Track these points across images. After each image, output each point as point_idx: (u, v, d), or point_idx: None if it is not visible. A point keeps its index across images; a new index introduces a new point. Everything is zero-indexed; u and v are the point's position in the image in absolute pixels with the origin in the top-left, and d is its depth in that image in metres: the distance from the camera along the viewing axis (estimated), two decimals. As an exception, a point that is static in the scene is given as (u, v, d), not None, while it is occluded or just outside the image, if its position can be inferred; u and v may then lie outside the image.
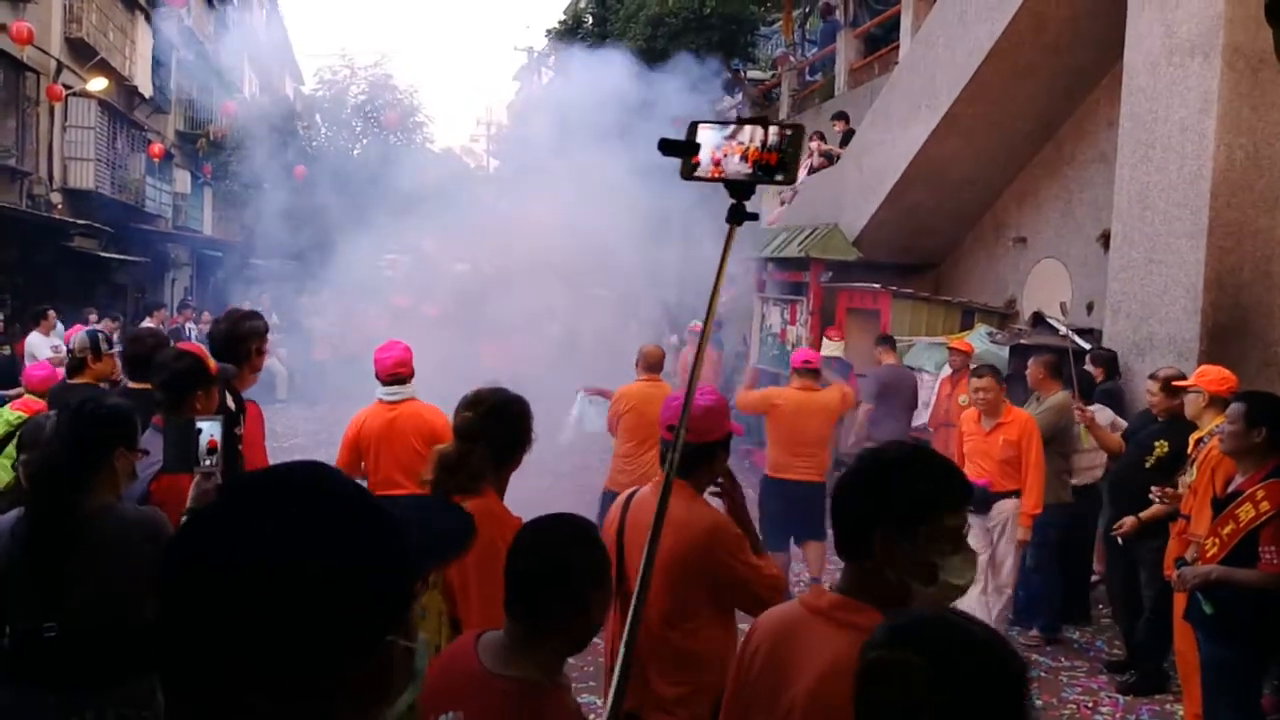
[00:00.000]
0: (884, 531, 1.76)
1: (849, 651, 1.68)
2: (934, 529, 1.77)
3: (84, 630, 2.47)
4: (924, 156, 9.47)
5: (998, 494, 5.75)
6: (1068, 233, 9.09)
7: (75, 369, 4.96)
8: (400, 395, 4.76)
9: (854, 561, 1.82)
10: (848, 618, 1.76)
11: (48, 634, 2.44)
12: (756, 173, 1.69)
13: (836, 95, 13.95)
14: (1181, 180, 6.52)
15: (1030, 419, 5.84)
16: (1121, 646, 6.00)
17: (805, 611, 1.84)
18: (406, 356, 4.85)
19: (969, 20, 8.78)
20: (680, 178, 1.71)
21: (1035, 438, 5.75)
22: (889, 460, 1.84)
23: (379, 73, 27.94)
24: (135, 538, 2.53)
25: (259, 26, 31.82)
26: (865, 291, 10.17)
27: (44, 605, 2.45)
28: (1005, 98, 8.79)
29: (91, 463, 2.53)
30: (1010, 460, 5.74)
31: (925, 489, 1.79)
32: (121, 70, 18.24)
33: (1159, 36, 6.75)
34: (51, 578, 2.45)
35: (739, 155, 1.69)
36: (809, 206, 11.95)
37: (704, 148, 1.69)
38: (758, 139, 1.68)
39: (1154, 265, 6.76)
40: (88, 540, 2.48)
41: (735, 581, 2.73)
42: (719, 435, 2.82)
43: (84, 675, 2.47)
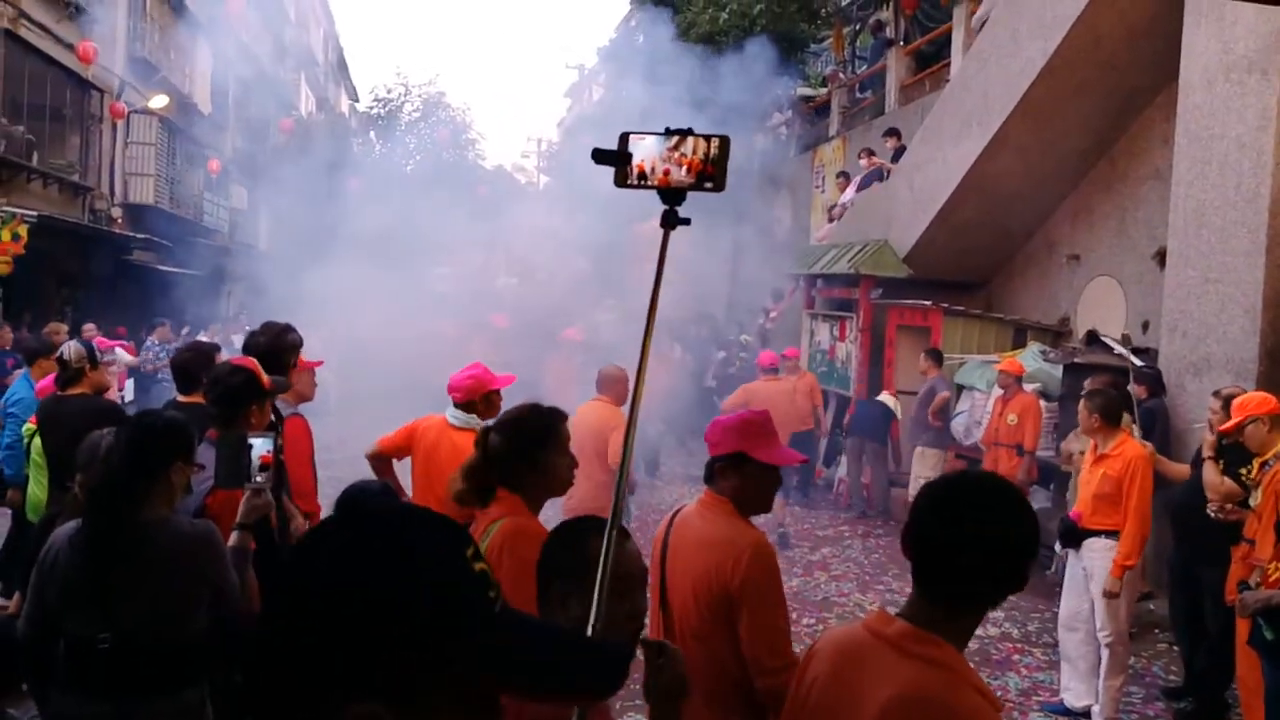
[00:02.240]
0: (979, 571, 1.74)
1: (915, 682, 1.68)
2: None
3: (137, 641, 2.51)
4: (976, 173, 9.38)
5: (1087, 531, 5.25)
6: (1122, 250, 8.94)
7: (70, 380, 4.87)
8: (461, 422, 4.49)
9: (935, 595, 1.77)
10: (918, 649, 1.72)
11: (102, 644, 2.48)
12: (699, 181, 1.76)
13: (887, 112, 13.88)
14: (1239, 198, 6.39)
15: (1141, 455, 5.18)
16: (1179, 672, 5.85)
17: (870, 637, 1.80)
18: (464, 384, 4.54)
19: (1022, 38, 8.70)
20: (614, 185, 1.78)
21: (1141, 477, 5.11)
22: (1015, 499, 1.81)
23: (433, 90, 28.40)
24: (189, 551, 2.57)
25: (316, 46, 32.49)
26: (916, 309, 10.09)
27: (99, 615, 2.49)
28: (1058, 115, 8.68)
29: (148, 476, 2.57)
30: (1106, 496, 5.18)
31: (1029, 535, 1.79)
32: (181, 88, 18.73)
33: (1216, 53, 6.63)
34: (107, 589, 2.50)
35: (683, 166, 1.76)
36: (859, 223, 11.89)
37: (645, 158, 1.76)
38: (700, 151, 1.76)
39: (1211, 284, 6.62)
40: (142, 552, 2.52)
41: (757, 617, 2.57)
42: (760, 452, 2.73)
43: (137, 685, 2.51)
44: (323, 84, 34.36)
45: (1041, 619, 6.84)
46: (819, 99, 17.20)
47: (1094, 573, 5.26)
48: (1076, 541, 5.30)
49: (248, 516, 2.72)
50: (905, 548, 1.81)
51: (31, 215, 10.98)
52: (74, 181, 14.83)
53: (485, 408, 4.56)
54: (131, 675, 2.50)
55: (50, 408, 4.87)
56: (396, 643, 0.87)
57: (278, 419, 4.06)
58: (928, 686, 1.66)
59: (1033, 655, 6.33)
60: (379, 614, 0.86)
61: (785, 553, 8.59)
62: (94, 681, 2.49)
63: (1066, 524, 5.32)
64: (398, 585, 0.88)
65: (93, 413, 4.58)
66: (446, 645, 0.89)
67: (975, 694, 1.69)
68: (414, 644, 0.88)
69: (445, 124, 29.76)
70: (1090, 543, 5.25)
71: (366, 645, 0.86)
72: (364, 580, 0.87)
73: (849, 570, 8.22)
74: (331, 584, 0.85)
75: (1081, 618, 5.38)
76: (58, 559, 2.55)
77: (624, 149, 1.76)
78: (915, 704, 1.65)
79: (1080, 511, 5.28)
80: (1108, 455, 5.21)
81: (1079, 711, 5.38)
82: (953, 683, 1.68)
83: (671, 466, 12.38)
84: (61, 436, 4.17)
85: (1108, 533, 5.18)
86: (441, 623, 0.89)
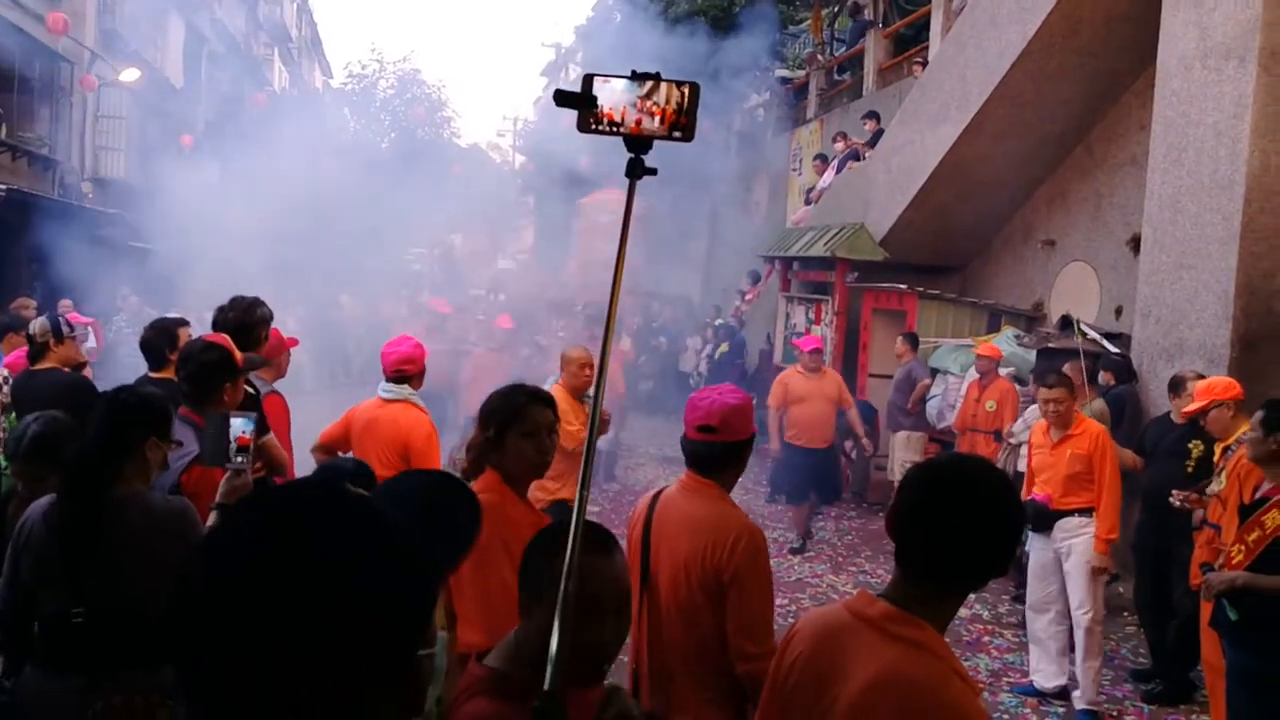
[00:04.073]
0: (970, 558, 1.75)
1: (897, 663, 1.69)
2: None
3: (110, 615, 2.50)
4: (953, 157, 9.42)
5: (1059, 512, 5.29)
6: (1097, 236, 9.01)
7: (38, 355, 4.79)
8: (393, 394, 4.57)
9: (919, 578, 1.78)
10: (900, 630, 1.72)
11: (76, 618, 2.47)
12: (670, 131, 1.73)
13: (865, 95, 13.90)
14: (1214, 185, 6.45)
15: (1103, 431, 5.36)
16: (1147, 655, 5.94)
17: (851, 618, 1.80)
18: (413, 354, 4.63)
19: (1000, 22, 8.72)
20: (577, 129, 1.75)
21: (1109, 452, 5.25)
22: (1002, 484, 1.83)
23: (407, 68, 28.11)
24: (163, 528, 2.55)
25: (290, 21, 32.03)
26: (891, 292, 10.13)
27: (73, 590, 2.48)
28: (1036, 100, 8.73)
29: (124, 451, 2.55)
30: (1077, 476, 5.26)
31: (1015, 521, 1.82)
32: (153, 61, 18.41)
33: (1193, 39, 6.67)
34: (80, 564, 2.49)
35: (655, 116, 1.73)
36: (836, 206, 11.92)
37: (614, 105, 1.73)
38: (674, 100, 1.73)
39: (1185, 270, 6.69)
40: (116, 528, 2.50)
41: (744, 603, 2.58)
42: (747, 435, 2.78)
43: (110, 659, 2.49)
44: (296, 59, 33.91)
45: (1012, 601, 6.92)
46: (797, 81, 17.19)
47: (1071, 551, 5.29)
48: (1048, 524, 5.32)
49: (227, 497, 2.70)
50: (890, 530, 1.81)
51: (1, 189, 10.78)
52: (43, 155, 14.57)
53: (417, 381, 4.66)
54: (105, 650, 2.49)
55: (21, 382, 4.80)
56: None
57: (256, 396, 4.03)
58: (909, 668, 1.68)
59: (1003, 637, 6.41)
60: (370, 619, 0.84)
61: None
62: (68, 656, 2.48)
63: (1035, 507, 5.32)
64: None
65: (61, 387, 4.51)
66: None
67: (955, 677, 1.71)
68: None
69: (421, 101, 29.49)
70: (1063, 523, 5.31)
71: (360, 650, 0.83)
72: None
73: (822, 552, 8.29)
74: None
75: (1050, 599, 5.43)
76: (32, 533, 2.53)
77: (588, 91, 1.72)
78: (895, 686, 1.67)
79: (1049, 494, 5.30)
80: (1071, 435, 5.28)
81: (1049, 692, 5.46)
82: (933, 665, 1.69)
83: (646, 449, 12.43)
84: (31, 410, 4.10)
85: (1080, 511, 5.26)
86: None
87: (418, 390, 4.69)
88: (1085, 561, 5.24)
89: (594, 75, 1.74)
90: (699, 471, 2.74)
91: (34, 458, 2.92)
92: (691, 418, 2.76)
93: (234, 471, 2.70)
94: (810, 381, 8.28)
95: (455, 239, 20.04)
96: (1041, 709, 5.40)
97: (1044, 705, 5.42)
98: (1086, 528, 5.24)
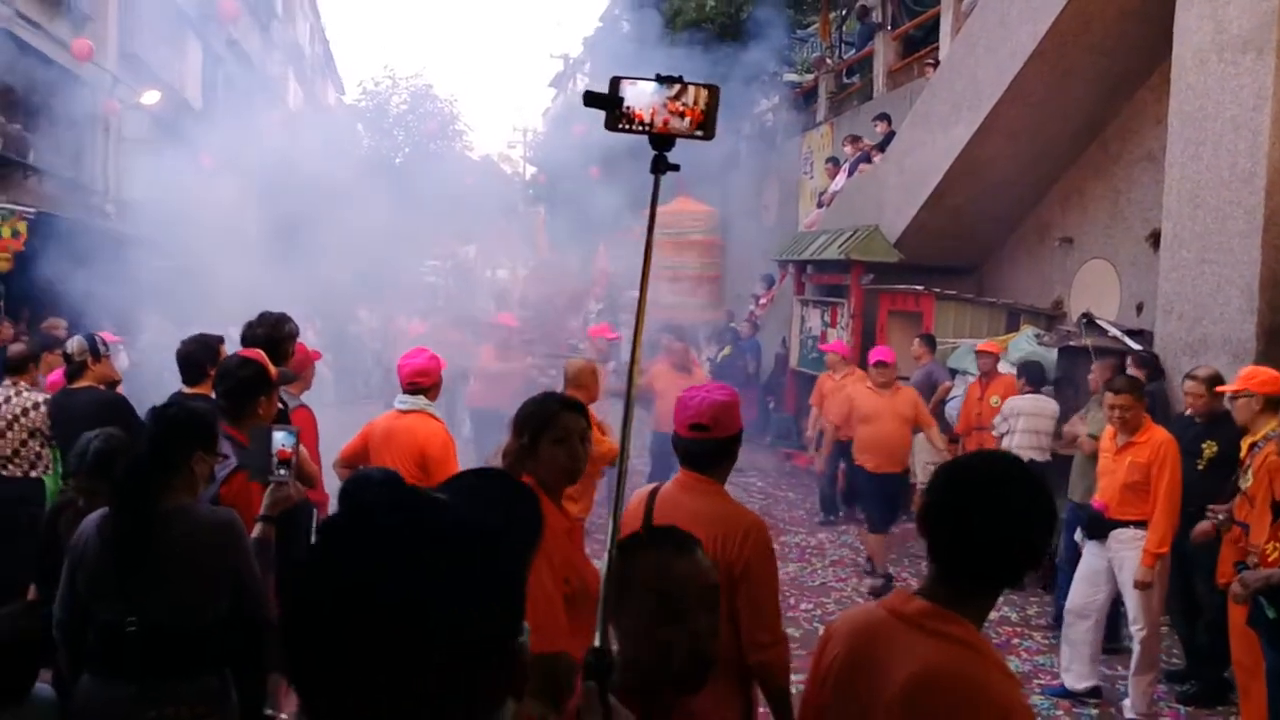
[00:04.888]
0: (998, 554, 1.78)
1: (939, 658, 1.70)
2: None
3: (160, 626, 2.56)
4: (966, 157, 9.41)
5: (1115, 522, 5.17)
6: (1116, 233, 8.99)
7: (75, 373, 4.91)
8: (408, 405, 4.61)
9: (954, 574, 1.80)
10: (939, 627, 1.74)
11: (128, 628, 2.54)
12: (694, 131, 1.85)
13: (875, 97, 13.89)
14: (1234, 178, 6.43)
15: (1169, 441, 5.08)
16: (1181, 655, 5.89)
17: (889, 616, 1.81)
18: (427, 366, 4.67)
19: (1011, 21, 8.72)
20: (605, 129, 1.86)
21: (1171, 464, 5.00)
22: (1032, 479, 1.85)
23: (420, 83, 28.27)
24: (210, 540, 2.62)
25: (303, 40, 32.30)
26: (907, 293, 10.12)
27: (125, 601, 2.55)
28: (1049, 98, 8.72)
29: (172, 465, 2.62)
30: (1134, 485, 5.07)
31: (1047, 514, 1.85)
32: (172, 83, 18.60)
33: (1209, 32, 6.66)
34: (132, 575, 2.54)
35: (684, 117, 1.85)
36: (849, 209, 11.92)
37: (642, 106, 1.84)
38: (701, 101, 1.85)
39: (1206, 265, 6.67)
40: (165, 540, 2.56)
41: (755, 594, 2.65)
42: (737, 430, 2.90)
43: (160, 669, 2.56)
44: (310, 78, 34.19)
45: (1040, 603, 6.90)
46: (806, 85, 17.20)
47: (1124, 564, 5.14)
48: (1103, 532, 5.21)
49: (272, 509, 2.76)
50: (922, 528, 1.83)
51: (30, 211, 10.91)
52: (69, 178, 14.75)
53: (434, 392, 4.69)
54: (155, 660, 2.55)
55: (59, 401, 4.90)
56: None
57: (285, 409, 4.09)
58: (950, 662, 1.69)
59: (1032, 639, 6.39)
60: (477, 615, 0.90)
61: (781, 539, 8.61)
62: (121, 664, 2.55)
63: (1092, 514, 5.26)
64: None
65: (99, 405, 4.60)
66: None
67: (997, 670, 1.73)
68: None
69: (433, 116, 29.66)
70: (1118, 533, 5.15)
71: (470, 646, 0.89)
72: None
73: (845, 556, 8.26)
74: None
75: (1094, 606, 5.33)
76: (87, 546, 2.60)
77: (615, 93, 1.82)
78: (938, 679, 1.68)
79: (1106, 502, 5.18)
80: (1134, 443, 5.09)
81: (1080, 693, 5.42)
82: (974, 659, 1.71)
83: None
84: (70, 429, 4.19)
85: (1136, 523, 5.08)
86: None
87: (434, 401, 4.73)
88: None
89: (620, 78, 1.84)
90: (695, 468, 2.84)
91: (96, 473, 3.00)
92: (683, 416, 2.85)
93: (276, 484, 2.75)
94: (880, 398, 7.48)
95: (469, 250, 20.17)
96: (1075, 710, 5.37)
97: (1076, 706, 5.39)
98: (1139, 541, 5.07)
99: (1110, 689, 5.56)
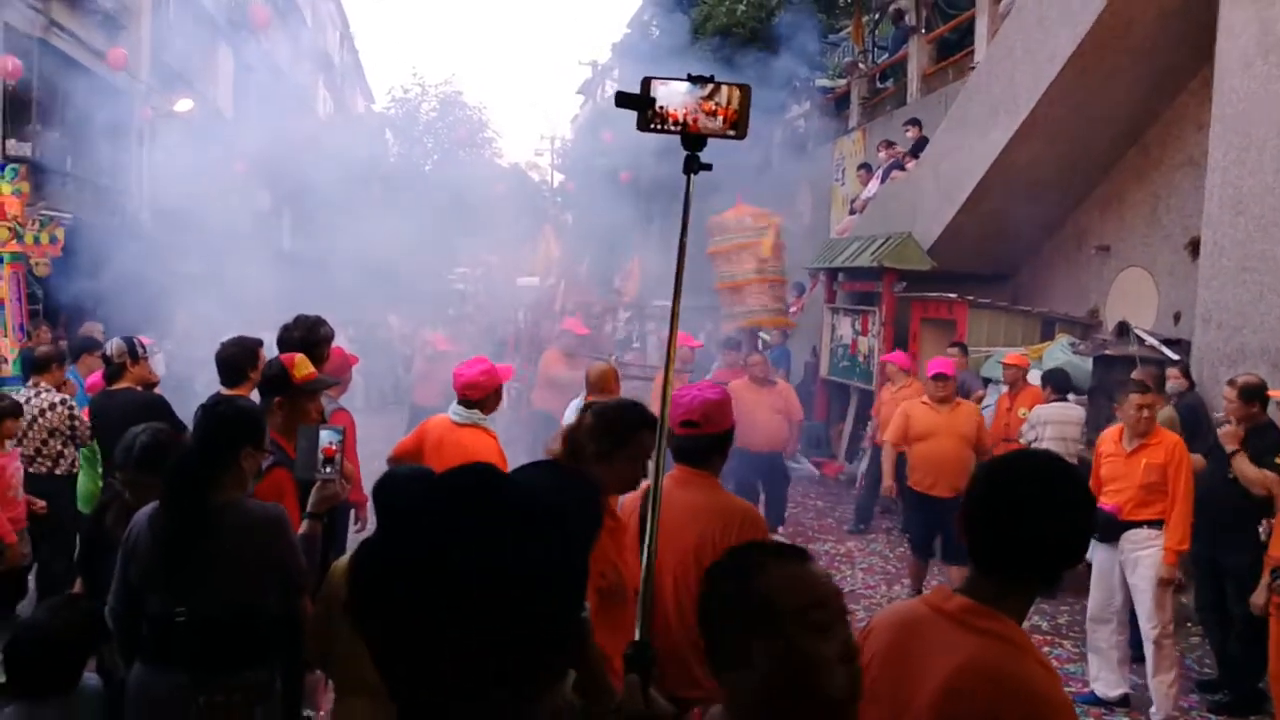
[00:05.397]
0: (1035, 551, 1.79)
1: (982, 653, 1.71)
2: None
3: (211, 616, 2.62)
4: (1003, 162, 9.33)
5: (1128, 523, 5.21)
6: (1154, 240, 8.88)
7: (115, 375, 4.99)
8: (462, 418, 4.51)
9: (994, 572, 1.81)
10: (980, 623, 1.76)
11: (179, 618, 2.59)
12: (728, 130, 1.86)
13: (909, 102, 13.82)
14: (1278, 184, 6.33)
15: (1180, 441, 5.24)
16: (1213, 665, 5.82)
17: (930, 611, 1.83)
18: (477, 380, 4.52)
19: (1049, 25, 8.65)
20: (637, 129, 1.87)
21: (1186, 464, 5.13)
22: (1074, 477, 1.87)
23: (449, 90, 28.50)
24: (259, 534, 2.66)
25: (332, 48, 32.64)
26: (940, 301, 10.04)
27: (176, 592, 2.60)
28: (1088, 102, 8.63)
29: (221, 461, 2.66)
30: (1152, 486, 5.15)
31: (1088, 513, 1.88)
32: (205, 92, 18.85)
33: (1254, 34, 6.57)
34: (182, 568, 2.60)
35: (716, 115, 1.86)
36: (882, 215, 11.86)
37: (675, 106, 1.85)
38: (734, 101, 1.86)
39: (1247, 273, 6.57)
40: (215, 533, 2.61)
41: None
42: (728, 425, 3.01)
43: (211, 659, 2.62)
44: (339, 86, 34.53)
45: (1071, 612, 6.83)
46: (838, 90, 17.14)
47: (1139, 564, 5.20)
48: (1115, 534, 5.24)
49: (318, 506, 2.81)
50: (963, 525, 1.84)
51: (67, 218, 11.10)
52: (105, 185, 14.98)
53: (490, 404, 4.57)
54: (205, 650, 2.60)
55: (100, 402, 5.00)
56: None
57: (322, 413, 4.12)
58: (991, 657, 1.71)
59: (1063, 647, 6.34)
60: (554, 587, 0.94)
61: (810, 546, 8.56)
62: (172, 654, 2.61)
63: (1103, 516, 5.23)
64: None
65: (138, 406, 4.67)
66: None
67: (1037, 665, 1.75)
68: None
69: (463, 123, 29.88)
70: (1132, 534, 5.23)
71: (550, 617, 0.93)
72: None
73: (874, 564, 8.21)
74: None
75: (1112, 609, 5.37)
76: (139, 539, 2.65)
77: (646, 93, 1.84)
78: (979, 673, 1.69)
79: (1119, 504, 5.22)
80: (1148, 444, 5.19)
81: (1111, 700, 5.40)
82: (1015, 654, 1.73)
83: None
84: (110, 429, 4.24)
85: (1150, 523, 5.17)
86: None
87: (490, 414, 4.61)
88: (1153, 575, 5.14)
89: (651, 78, 1.86)
90: (689, 464, 2.97)
91: (143, 466, 3.05)
92: (675, 414, 2.93)
93: (323, 481, 2.79)
94: (939, 415, 6.85)
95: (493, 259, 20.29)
96: (1105, 718, 5.34)
97: (1107, 714, 5.36)
98: (1155, 540, 5.15)
99: (1140, 697, 5.50)
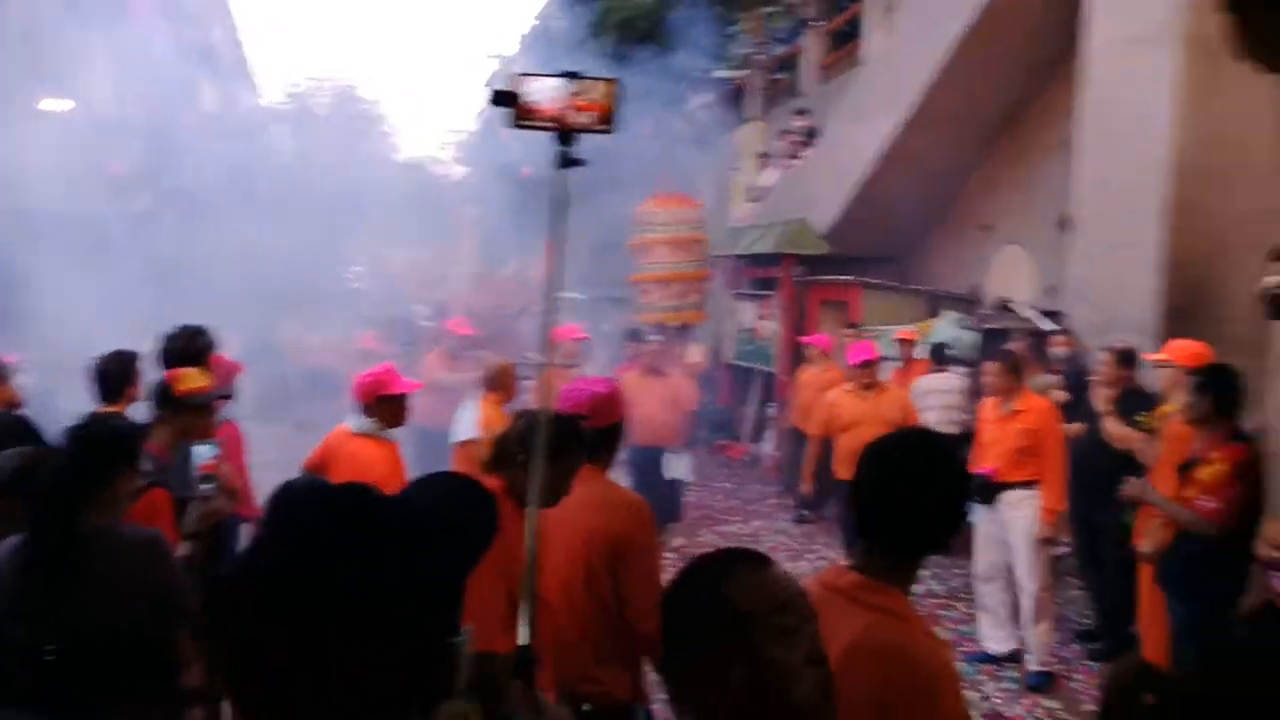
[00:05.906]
0: (918, 524, 1.89)
1: (870, 630, 1.79)
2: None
3: (83, 651, 2.44)
4: (892, 149, 9.61)
5: (1004, 484, 5.49)
6: (1030, 219, 9.25)
7: None
8: (358, 428, 4.38)
9: (883, 545, 1.90)
10: (871, 599, 1.84)
11: (48, 655, 2.41)
12: (599, 125, 1.86)
13: (805, 93, 14.06)
14: (1140, 166, 6.66)
15: (1050, 406, 5.62)
16: (1091, 615, 6.14)
17: (824, 590, 1.88)
18: (361, 383, 4.39)
19: (934, 14, 8.93)
20: (508, 126, 1.87)
21: (1055, 426, 5.51)
22: (948, 449, 1.98)
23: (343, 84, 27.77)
24: (134, 559, 2.53)
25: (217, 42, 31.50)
26: (836, 284, 10.30)
27: (43, 626, 2.43)
28: (971, 89, 8.93)
29: (95, 484, 2.53)
30: (1024, 449, 5.44)
31: (964, 480, 1.99)
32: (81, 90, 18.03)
33: (1117, 25, 6.90)
34: (51, 599, 2.44)
35: (587, 110, 1.86)
36: (779, 203, 12.08)
37: (547, 102, 1.85)
38: (601, 94, 1.87)
39: (1115, 249, 6.91)
40: (87, 561, 2.47)
41: (642, 565, 2.83)
42: (617, 419, 3.09)
43: (83, 696, 2.44)
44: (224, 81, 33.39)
45: (964, 575, 7.07)
46: (737, 81, 17.32)
47: (1016, 524, 5.46)
48: (991, 496, 5.51)
49: (199, 525, 2.68)
50: (850, 505, 1.95)
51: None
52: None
53: (389, 414, 4.38)
54: (77, 686, 2.43)
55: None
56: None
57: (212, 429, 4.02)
58: (878, 633, 1.79)
59: (956, 609, 6.60)
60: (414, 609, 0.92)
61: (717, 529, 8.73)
62: (39, 692, 2.42)
63: (980, 480, 5.49)
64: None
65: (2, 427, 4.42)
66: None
67: (925, 637, 1.85)
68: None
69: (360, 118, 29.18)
70: (1008, 495, 5.50)
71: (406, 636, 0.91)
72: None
73: (780, 541, 8.39)
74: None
75: (997, 569, 5.63)
76: (2, 569, 2.48)
77: (519, 90, 1.84)
78: (871, 650, 1.77)
79: (995, 467, 5.51)
80: (1019, 410, 5.51)
81: (1001, 657, 5.66)
82: (904, 629, 1.82)
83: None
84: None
85: (1024, 484, 5.46)
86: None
87: (388, 425, 4.44)
88: (1029, 533, 5.42)
89: (525, 74, 1.86)
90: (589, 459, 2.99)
91: (12, 492, 2.88)
92: (564, 407, 3.00)
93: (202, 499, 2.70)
94: (863, 402, 6.68)
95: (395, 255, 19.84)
96: (997, 674, 5.59)
97: (999, 670, 5.61)
98: (1029, 500, 5.44)
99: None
